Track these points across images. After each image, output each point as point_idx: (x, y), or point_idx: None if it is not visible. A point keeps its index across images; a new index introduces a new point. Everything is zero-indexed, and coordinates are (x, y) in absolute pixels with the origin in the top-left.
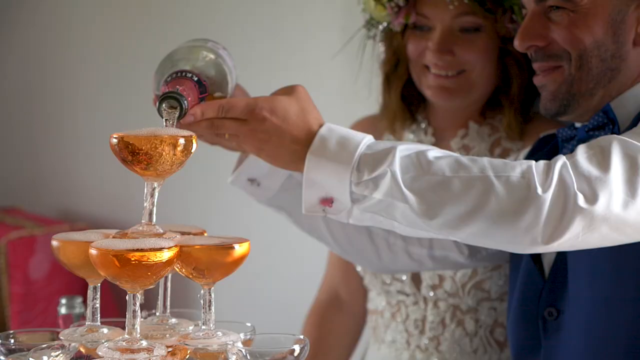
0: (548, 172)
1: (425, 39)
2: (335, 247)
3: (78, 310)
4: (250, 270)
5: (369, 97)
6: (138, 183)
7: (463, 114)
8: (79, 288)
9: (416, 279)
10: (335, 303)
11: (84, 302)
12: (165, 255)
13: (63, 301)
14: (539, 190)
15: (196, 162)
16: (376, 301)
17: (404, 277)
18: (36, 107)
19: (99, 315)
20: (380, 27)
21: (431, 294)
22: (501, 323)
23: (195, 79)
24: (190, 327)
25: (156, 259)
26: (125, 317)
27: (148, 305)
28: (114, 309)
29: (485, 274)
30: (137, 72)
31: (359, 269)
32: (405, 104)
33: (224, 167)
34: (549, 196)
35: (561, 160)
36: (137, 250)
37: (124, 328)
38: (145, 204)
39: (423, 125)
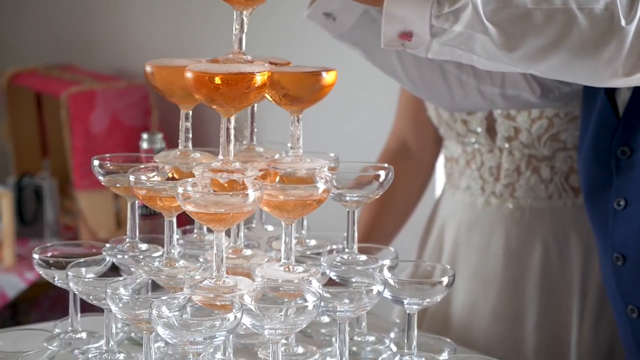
0: (632, 4)
1: None
2: (407, 84)
3: (159, 145)
4: (331, 104)
5: None
6: (192, 40)
7: None
8: (137, 143)
9: (491, 131)
10: (404, 151)
11: (164, 138)
12: (258, 78)
13: (145, 136)
14: (623, 22)
15: None
16: (451, 149)
17: (479, 129)
18: None
19: (190, 139)
20: None
21: (506, 145)
22: (576, 170)
23: None
24: (276, 155)
25: (249, 82)
26: None
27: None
28: None
29: (562, 126)
30: None
31: (434, 120)
32: None
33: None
34: (632, 28)
35: None
36: (232, 73)
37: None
38: (234, 32)
39: None
